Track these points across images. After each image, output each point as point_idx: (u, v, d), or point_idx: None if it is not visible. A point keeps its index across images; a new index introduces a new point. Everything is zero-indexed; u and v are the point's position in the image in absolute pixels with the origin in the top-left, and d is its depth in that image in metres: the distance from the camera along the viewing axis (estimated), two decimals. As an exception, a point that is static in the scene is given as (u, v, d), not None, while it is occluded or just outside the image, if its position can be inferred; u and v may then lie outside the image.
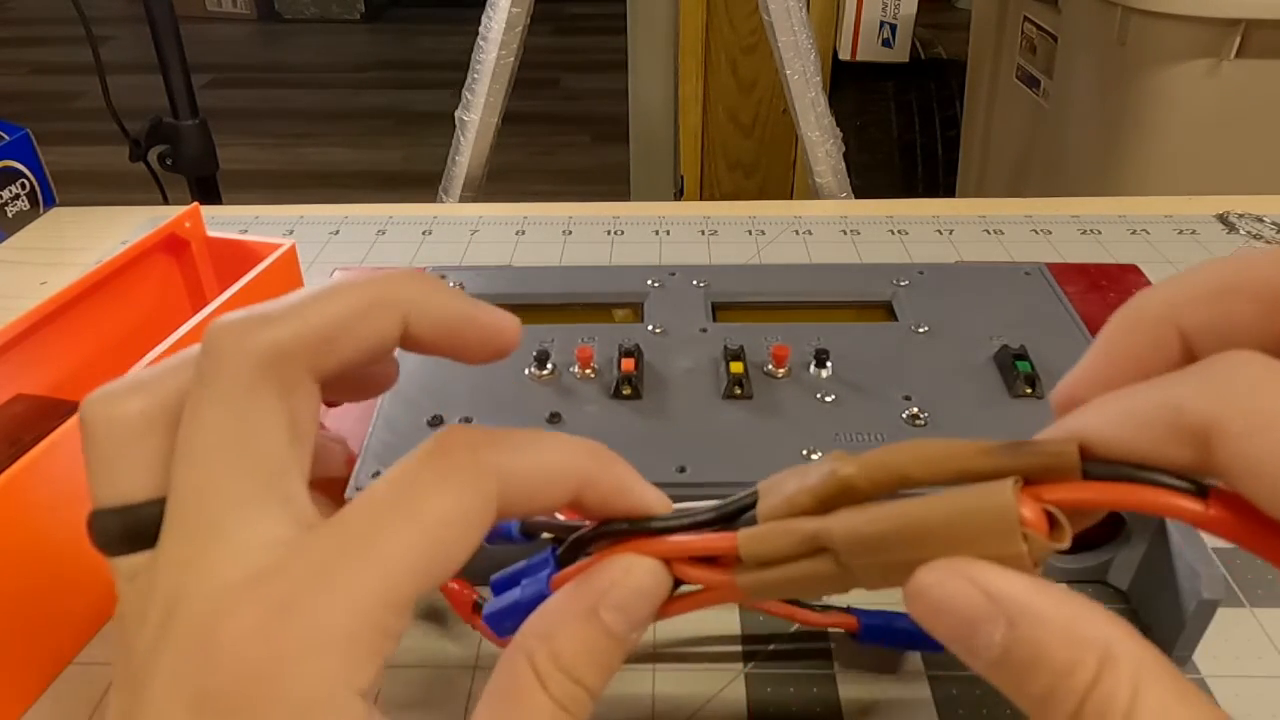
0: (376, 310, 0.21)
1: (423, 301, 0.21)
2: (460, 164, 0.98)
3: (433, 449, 0.19)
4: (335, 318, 0.20)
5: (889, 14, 1.62)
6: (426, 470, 0.19)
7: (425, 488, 0.19)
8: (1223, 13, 0.95)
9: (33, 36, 3.26)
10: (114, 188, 1.28)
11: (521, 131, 2.39)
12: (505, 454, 0.20)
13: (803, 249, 0.60)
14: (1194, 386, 0.16)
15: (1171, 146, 1.05)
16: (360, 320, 0.20)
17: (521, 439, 0.20)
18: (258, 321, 0.19)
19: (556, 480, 0.20)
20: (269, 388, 0.19)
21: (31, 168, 0.65)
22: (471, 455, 0.19)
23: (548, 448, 0.20)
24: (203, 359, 0.19)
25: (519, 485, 0.20)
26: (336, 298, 0.20)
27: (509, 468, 0.19)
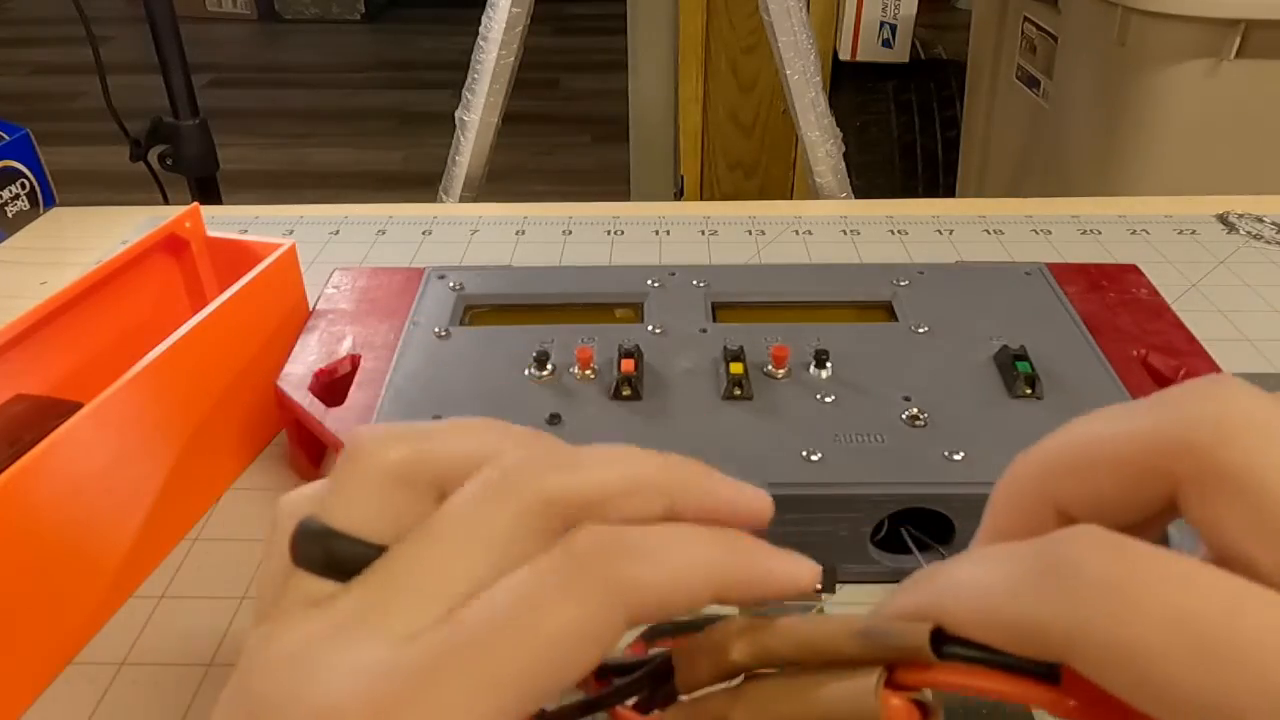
0: (647, 491, 0.20)
1: (688, 490, 0.20)
2: (460, 164, 0.98)
3: (564, 557, 0.18)
4: (611, 485, 0.19)
5: (889, 14, 1.62)
6: (553, 579, 0.18)
7: (550, 601, 0.18)
8: (1223, 13, 0.95)
9: (33, 36, 3.26)
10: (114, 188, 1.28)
11: (521, 131, 2.39)
12: (640, 565, 0.18)
13: (803, 249, 0.60)
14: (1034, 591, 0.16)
15: (1171, 146, 1.05)
16: (628, 497, 0.19)
17: (657, 540, 0.19)
18: (550, 466, 0.19)
19: (693, 587, 0.19)
20: (538, 538, 0.19)
21: (31, 168, 0.65)
22: (604, 568, 0.18)
23: (683, 549, 0.19)
24: (486, 487, 0.19)
25: (652, 597, 0.18)
26: (615, 465, 0.20)
27: (643, 580, 0.18)
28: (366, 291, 0.45)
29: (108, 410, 0.33)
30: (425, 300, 0.44)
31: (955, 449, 0.34)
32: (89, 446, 0.33)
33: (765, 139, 1.68)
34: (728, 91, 1.63)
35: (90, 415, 0.33)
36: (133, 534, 0.35)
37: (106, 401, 0.33)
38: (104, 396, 0.33)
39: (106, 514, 0.34)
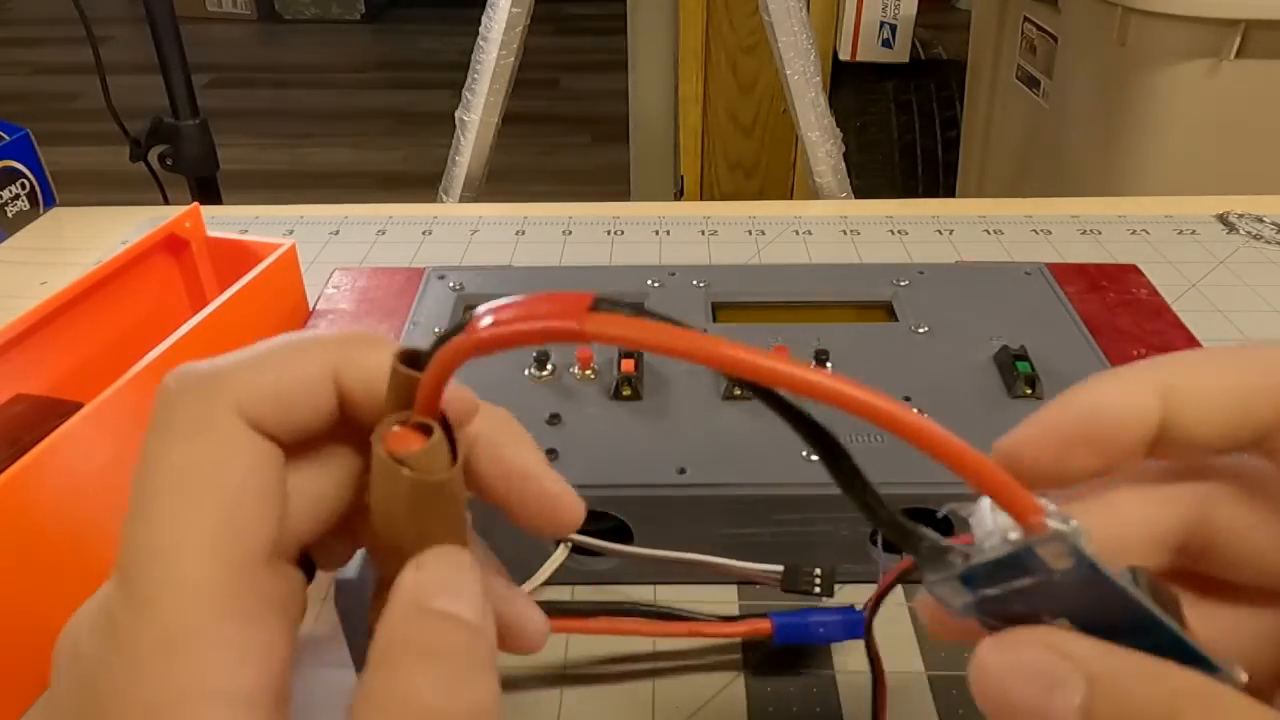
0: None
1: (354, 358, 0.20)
2: (460, 164, 0.98)
3: (153, 407, 0.19)
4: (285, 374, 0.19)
5: (889, 14, 1.62)
6: (154, 436, 0.18)
7: (161, 452, 0.18)
8: (1223, 13, 0.95)
9: (33, 36, 3.26)
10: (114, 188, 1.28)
11: (521, 131, 2.39)
12: (239, 371, 0.19)
13: (803, 249, 0.60)
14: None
15: (1171, 146, 1.05)
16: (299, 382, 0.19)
17: (258, 351, 0.19)
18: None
19: (301, 382, 0.19)
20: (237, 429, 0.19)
21: (31, 168, 0.65)
22: (185, 397, 0.19)
23: (282, 351, 0.19)
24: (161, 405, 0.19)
25: (266, 396, 0.18)
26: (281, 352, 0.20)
27: (245, 381, 0.19)
28: (366, 291, 0.45)
29: (108, 410, 0.33)
30: (425, 300, 0.44)
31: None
32: (89, 446, 0.33)
33: (765, 139, 1.68)
34: (728, 91, 1.63)
35: (90, 415, 0.33)
36: (133, 534, 0.35)
37: (106, 401, 0.33)
38: (104, 396, 0.33)
39: (106, 514, 0.34)
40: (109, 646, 0.16)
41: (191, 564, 0.17)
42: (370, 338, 0.20)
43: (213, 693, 0.16)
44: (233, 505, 0.17)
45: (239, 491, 0.17)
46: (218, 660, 0.16)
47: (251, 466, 0.18)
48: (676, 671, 0.32)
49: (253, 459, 0.18)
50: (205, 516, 0.17)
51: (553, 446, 0.35)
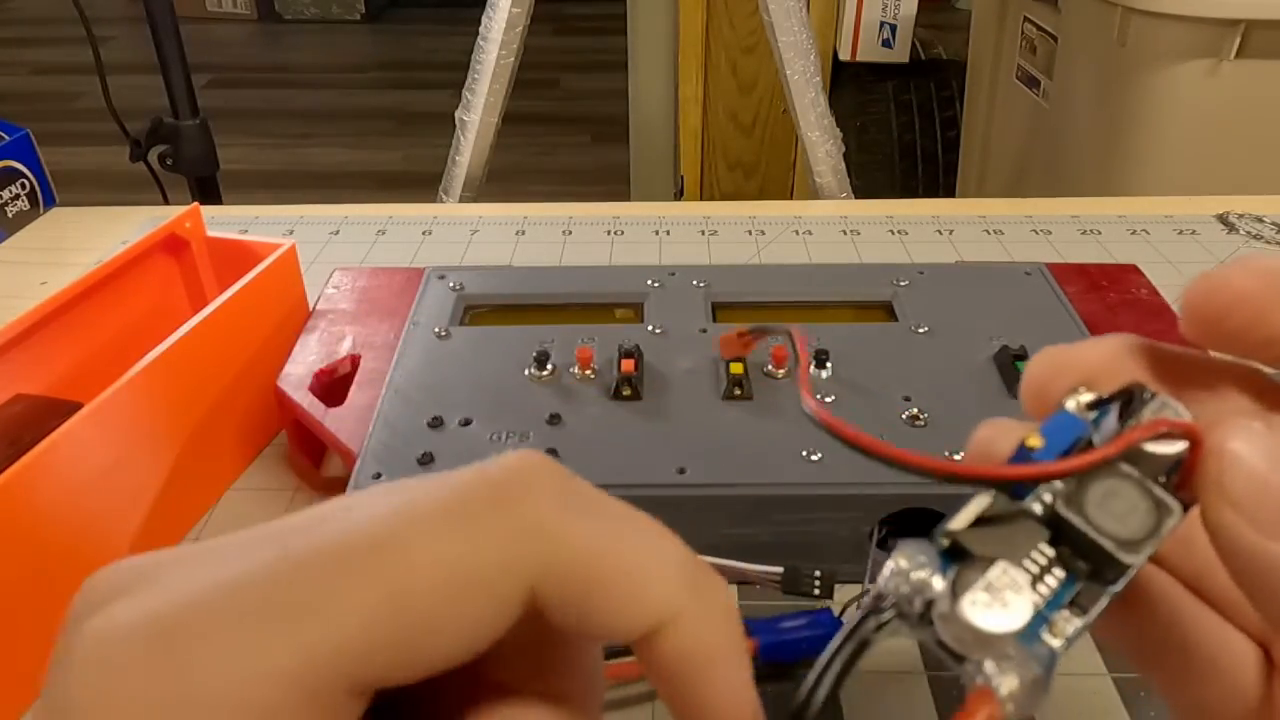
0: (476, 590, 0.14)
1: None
2: (460, 164, 0.98)
3: (477, 481, 0.14)
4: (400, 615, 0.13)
5: (889, 14, 1.62)
6: (453, 499, 0.14)
7: (440, 521, 0.13)
8: (1223, 13, 0.95)
9: (33, 36, 3.26)
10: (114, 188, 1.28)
11: (521, 131, 2.38)
12: (582, 520, 0.14)
13: (803, 249, 0.60)
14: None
15: (1171, 146, 1.05)
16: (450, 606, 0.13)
17: (613, 516, 0.14)
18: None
19: (638, 592, 0.14)
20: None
21: (31, 168, 0.65)
22: (522, 509, 0.14)
23: (649, 530, 0.14)
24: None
25: (578, 571, 0.14)
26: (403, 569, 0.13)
27: (576, 541, 0.14)
28: (366, 291, 0.45)
29: (108, 410, 0.33)
30: (425, 300, 0.44)
31: (955, 449, 0.34)
32: (89, 446, 0.33)
33: (765, 139, 1.68)
34: (728, 91, 1.63)
35: (90, 415, 0.33)
36: (132, 534, 0.35)
37: (106, 401, 0.33)
38: (104, 396, 0.33)
39: (106, 514, 0.34)
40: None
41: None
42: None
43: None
44: (398, 652, 0.13)
45: (419, 648, 0.13)
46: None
47: (465, 642, 0.13)
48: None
49: (476, 638, 0.13)
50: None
51: (553, 446, 0.35)
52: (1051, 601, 0.15)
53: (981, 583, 0.15)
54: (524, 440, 0.36)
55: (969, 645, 0.15)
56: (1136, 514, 0.15)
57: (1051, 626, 0.15)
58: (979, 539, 0.15)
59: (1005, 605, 0.15)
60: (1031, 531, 0.15)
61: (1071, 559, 0.15)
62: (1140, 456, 0.16)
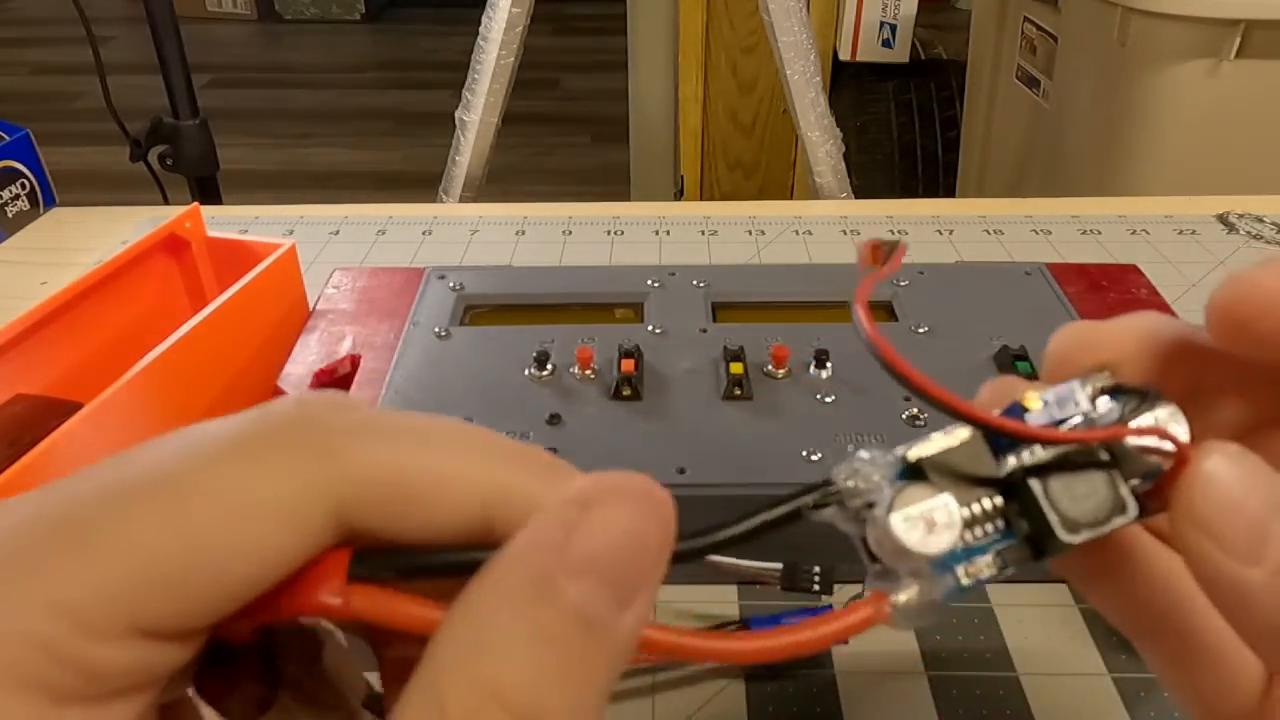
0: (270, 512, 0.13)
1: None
2: (460, 164, 0.98)
3: (261, 416, 0.14)
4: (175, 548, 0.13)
5: (889, 14, 1.62)
6: (235, 434, 0.13)
7: (221, 456, 0.13)
8: (1223, 13, 0.95)
9: (33, 36, 3.26)
10: (114, 188, 1.28)
11: (521, 131, 2.39)
12: (368, 441, 0.14)
13: (803, 249, 0.60)
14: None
15: (1171, 146, 1.05)
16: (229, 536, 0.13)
17: (403, 428, 0.14)
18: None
19: (450, 489, 0.14)
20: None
21: (31, 168, 0.65)
22: (309, 429, 0.13)
23: (439, 446, 0.14)
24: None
25: (380, 486, 0.13)
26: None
27: (372, 458, 0.14)
28: (366, 291, 0.45)
29: (108, 410, 0.33)
30: (425, 300, 0.44)
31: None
32: (89, 446, 0.33)
33: (765, 139, 1.68)
34: (728, 91, 1.63)
35: (90, 415, 0.33)
36: (133, 534, 0.35)
37: (106, 401, 0.33)
38: (104, 396, 0.33)
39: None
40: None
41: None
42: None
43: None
44: (187, 581, 0.13)
45: (210, 577, 0.13)
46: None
47: (265, 567, 0.13)
48: (676, 672, 0.32)
49: (277, 562, 0.13)
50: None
51: (553, 446, 0.35)
52: (978, 547, 0.16)
53: (920, 505, 0.16)
54: (523, 440, 0.36)
55: (886, 553, 0.16)
56: (1092, 501, 0.16)
57: (969, 566, 0.16)
58: (939, 469, 0.16)
59: (931, 531, 0.15)
60: (990, 481, 0.16)
61: (1016, 517, 0.16)
62: (1125, 454, 0.16)
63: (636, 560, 0.13)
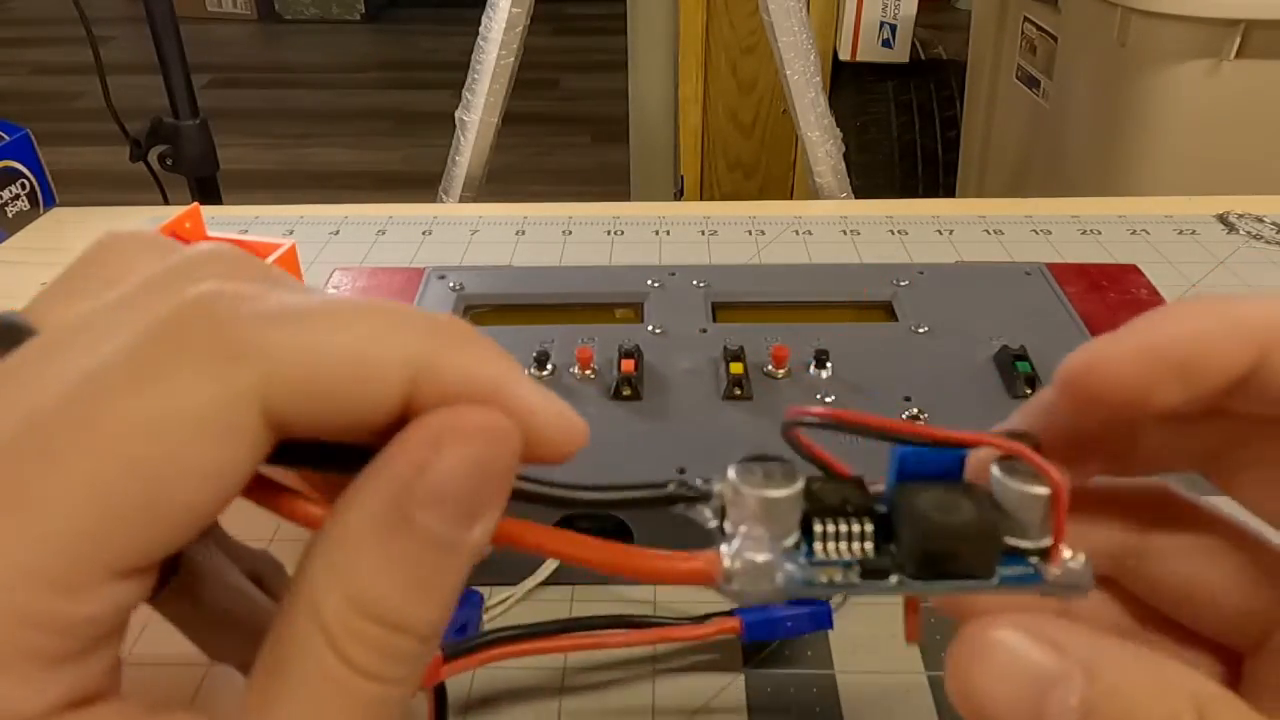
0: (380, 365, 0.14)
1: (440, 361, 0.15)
2: (460, 164, 0.98)
3: (163, 319, 0.13)
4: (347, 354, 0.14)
5: (889, 14, 1.62)
6: (143, 350, 0.13)
7: (136, 378, 0.13)
8: (1223, 13, 0.95)
9: (33, 36, 3.26)
10: (114, 188, 1.28)
11: (521, 131, 2.39)
12: (281, 330, 0.13)
13: (803, 249, 0.60)
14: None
15: (1171, 146, 1.05)
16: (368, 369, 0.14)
17: (314, 310, 0.14)
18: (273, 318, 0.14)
19: (372, 365, 0.14)
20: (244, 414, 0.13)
21: (31, 168, 0.65)
22: (219, 330, 0.13)
23: (354, 324, 0.14)
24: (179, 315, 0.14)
25: (305, 371, 0.13)
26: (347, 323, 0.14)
27: (293, 344, 0.13)
28: (366, 291, 0.45)
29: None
30: (425, 300, 0.44)
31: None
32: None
33: (765, 139, 1.68)
34: (728, 91, 1.63)
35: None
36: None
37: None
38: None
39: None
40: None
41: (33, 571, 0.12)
42: (464, 330, 0.16)
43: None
44: (146, 518, 0.13)
45: (170, 508, 0.13)
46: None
47: (219, 485, 0.13)
48: (676, 672, 0.32)
49: (229, 476, 0.13)
50: (107, 517, 0.12)
51: (553, 446, 0.35)
52: (837, 560, 0.16)
53: (776, 491, 0.16)
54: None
55: (729, 500, 0.16)
56: (957, 557, 0.16)
57: (821, 570, 0.16)
58: (821, 483, 0.17)
59: (773, 480, 0.16)
60: (864, 508, 0.16)
61: (883, 542, 0.16)
62: (1016, 497, 0.16)
63: (481, 487, 0.14)
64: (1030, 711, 0.14)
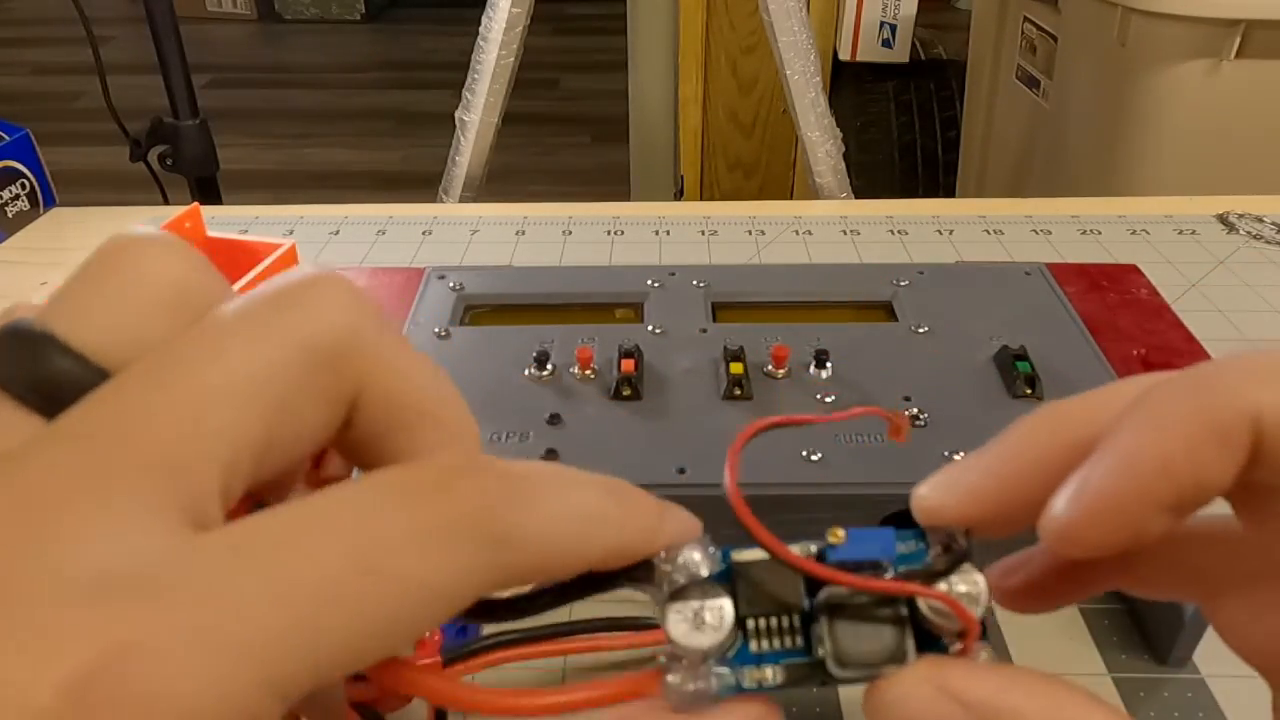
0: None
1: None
2: (460, 164, 0.98)
3: (432, 483, 0.14)
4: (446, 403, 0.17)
5: (889, 14, 1.62)
6: (410, 509, 0.13)
7: (403, 538, 0.13)
8: (1223, 13, 0.95)
9: (33, 36, 3.26)
10: (114, 188, 1.28)
11: (521, 131, 2.39)
12: (525, 511, 0.14)
13: (803, 249, 0.60)
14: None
15: (1171, 146, 1.05)
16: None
17: (540, 478, 0.15)
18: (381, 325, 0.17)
19: (582, 545, 0.15)
20: (324, 398, 0.15)
21: (31, 168, 0.65)
22: (484, 509, 0.14)
23: (573, 494, 0.15)
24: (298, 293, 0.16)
25: (532, 556, 0.14)
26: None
27: (527, 532, 0.14)
28: (366, 291, 0.45)
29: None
30: (425, 300, 0.44)
31: (955, 449, 0.34)
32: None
33: (765, 139, 1.68)
34: (728, 91, 1.63)
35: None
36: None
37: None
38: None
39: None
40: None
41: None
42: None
43: None
44: (341, 664, 0.13)
45: (361, 661, 0.13)
46: None
47: (400, 646, 0.14)
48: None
49: (419, 634, 0.15)
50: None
51: (553, 446, 0.35)
52: (769, 656, 0.17)
53: (697, 603, 0.16)
54: (524, 440, 0.36)
55: (667, 637, 0.16)
56: (874, 644, 0.16)
57: (754, 671, 0.16)
58: (751, 579, 0.17)
59: (698, 628, 0.16)
60: (795, 599, 0.17)
61: (814, 640, 0.17)
62: (920, 611, 0.16)
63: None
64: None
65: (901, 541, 0.18)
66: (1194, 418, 0.15)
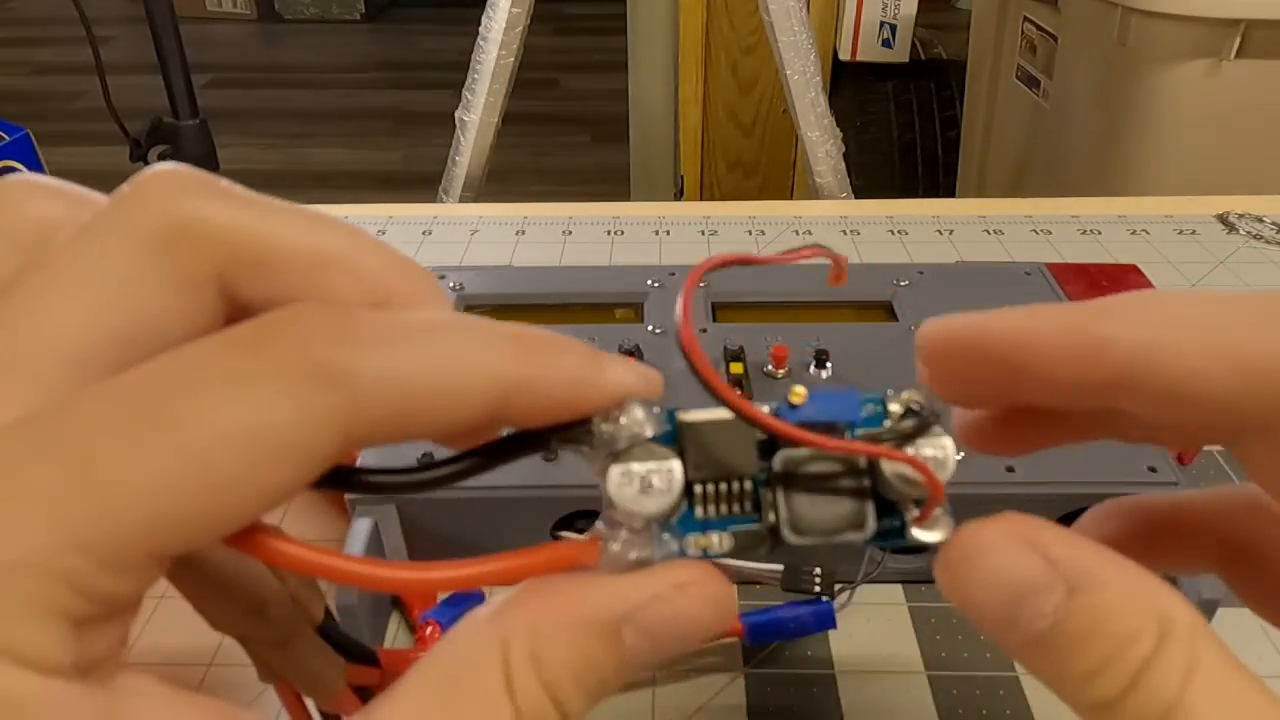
0: (361, 273, 0.16)
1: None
2: (460, 164, 0.98)
3: (255, 327, 0.14)
4: (304, 247, 0.16)
5: (889, 14, 1.62)
6: (233, 354, 0.13)
7: (223, 382, 0.13)
8: (1223, 13, 0.95)
9: (33, 36, 3.26)
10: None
11: (521, 131, 2.39)
12: (377, 351, 0.14)
13: (803, 249, 0.60)
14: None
15: (1171, 146, 1.05)
16: (325, 271, 0.16)
17: (397, 334, 0.14)
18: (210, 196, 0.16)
19: (459, 390, 0.14)
20: (179, 286, 0.15)
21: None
22: (318, 347, 0.13)
23: (440, 349, 0.14)
24: (106, 210, 0.15)
25: (390, 398, 0.14)
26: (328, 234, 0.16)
27: (378, 371, 0.13)
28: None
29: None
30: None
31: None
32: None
33: (765, 139, 1.68)
34: (728, 91, 1.63)
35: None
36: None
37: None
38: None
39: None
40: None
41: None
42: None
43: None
44: (202, 518, 0.13)
45: (225, 513, 0.13)
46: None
47: (274, 501, 0.14)
48: (676, 672, 0.32)
49: (286, 494, 0.14)
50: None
51: (553, 446, 0.35)
52: (715, 522, 0.16)
53: (644, 465, 0.15)
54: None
55: (607, 502, 0.15)
56: (831, 510, 0.16)
57: (699, 538, 0.15)
58: (699, 439, 0.16)
59: (644, 492, 0.15)
60: (748, 463, 0.16)
61: (766, 505, 0.16)
62: (883, 476, 0.16)
63: (684, 638, 0.15)
64: (1006, 616, 0.15)
65: (868, 403, 0.17)
66: (1058, 326, 0.18)
